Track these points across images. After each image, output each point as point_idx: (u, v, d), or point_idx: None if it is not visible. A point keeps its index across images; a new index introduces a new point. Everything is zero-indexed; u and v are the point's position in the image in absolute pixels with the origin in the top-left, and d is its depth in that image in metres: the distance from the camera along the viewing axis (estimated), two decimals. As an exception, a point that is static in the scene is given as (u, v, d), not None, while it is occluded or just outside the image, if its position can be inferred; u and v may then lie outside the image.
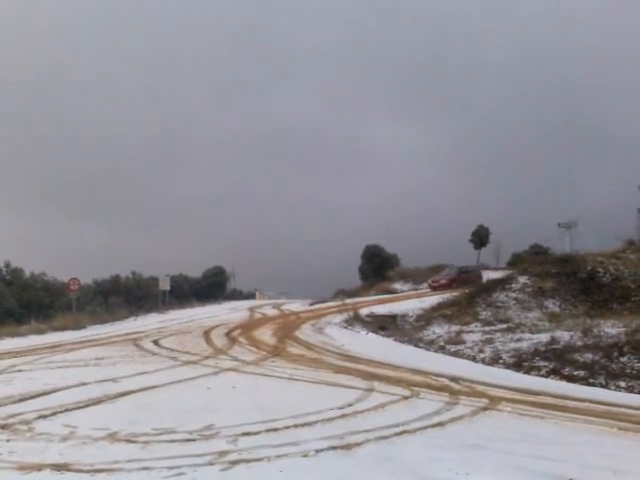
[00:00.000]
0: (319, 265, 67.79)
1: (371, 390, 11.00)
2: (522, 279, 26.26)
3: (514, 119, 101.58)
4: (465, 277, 37.75)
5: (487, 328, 20.52)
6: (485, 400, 10.34)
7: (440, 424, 8.48)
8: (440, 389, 11.23)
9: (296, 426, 8.35)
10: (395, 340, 20.36)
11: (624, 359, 14.67)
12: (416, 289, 40.22)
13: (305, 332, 22.09)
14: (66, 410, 9.82)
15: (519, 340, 17.91)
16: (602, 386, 13.27)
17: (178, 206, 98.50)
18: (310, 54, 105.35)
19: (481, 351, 17.26)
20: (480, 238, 54.50)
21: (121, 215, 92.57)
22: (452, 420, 8.72)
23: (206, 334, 21.88)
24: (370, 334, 21.85)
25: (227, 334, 21.76)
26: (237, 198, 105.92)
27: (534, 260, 31.43)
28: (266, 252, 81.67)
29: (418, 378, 12.46)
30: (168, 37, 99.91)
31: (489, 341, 18.27)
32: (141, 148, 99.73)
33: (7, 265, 33.73)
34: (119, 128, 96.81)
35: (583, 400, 11.00)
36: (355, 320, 24.98)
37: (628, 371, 13.97)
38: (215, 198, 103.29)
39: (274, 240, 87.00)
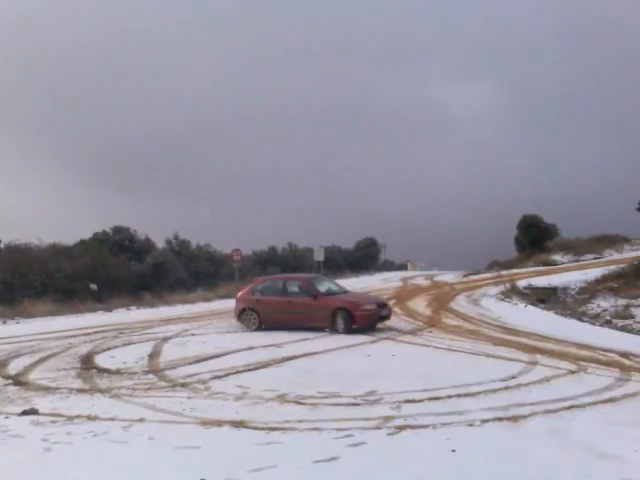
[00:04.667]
0: (471, 236, 66.38)
1: (534, 363, 10.71)
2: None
3: None
4: None
5: (659, 302, 19.10)
6: (661, 377, 9.71)
7: (612, 400, 8.09)
8: (609, 364, 10.67)
9: (459, 396, 8.37)
10: (556, 313, 19.53)
11: None
12: (577, 261, 38.23)
13: (460, 303, 21.85)
14: (237, 372, 10.55)
15: (697, 315, 16.56)
16: None
17: (328, 179, 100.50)
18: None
19: (653, 326, 16.15)
20: (650, 206, 50.64)
21: (276, 192, 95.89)
22: (625, 396, 8.27)
23: (361, 304, 22.24)
24: (529, 307, 21.14)
25: (382, 304, 22.00)
26: (383, 169, 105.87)
27: None
28: (417, 224, 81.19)
29: (584, 353, 11.93)
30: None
31: (662, 316, 17.03)
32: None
33: (176, 237, 36.17)
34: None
35: None
36: (512, 292, 24.29)
37: None
38: (361, 170, 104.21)
39: (425, 211, 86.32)
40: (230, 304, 22.74)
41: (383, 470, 5.65)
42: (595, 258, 38.58)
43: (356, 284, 33.44)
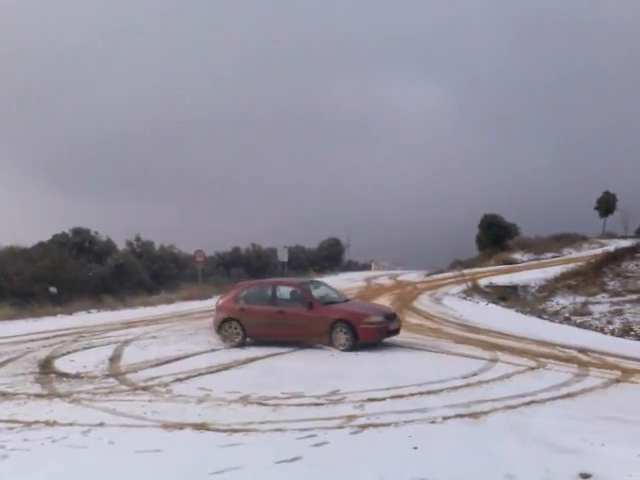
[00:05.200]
0: (434, 236, 66.96)
1: (495, 360, 10.86)
2: (655, 247, 24.79)
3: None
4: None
5: (616, 299, 19.52)
6: (617, 372, 9.94)
7: (570, 395, 8.27)
8: (568, 360, 10.90)
9: (421, 394, 8.44)
10: (516, 311, 19.87)
11: None
12: (537, 259, 38.94)
13: (423, 302, 22.02)
14: (199, 374, 10.44)
15: (652, 311, 16.98)
16: None
17: (291, 180, 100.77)
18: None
19: (610, 322, 16.52)
20: (606, 205, 51.82)
21: (239, 194, 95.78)
22: (583, 391, 8.48)
23: (325, 304, 22.24)
24: (490, 305, 21.44)
25: (346, 304, 22.03)
26: (346, 170, 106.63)
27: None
28: (380, 223, 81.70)
29: (543, 349, 12.15)
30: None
31: (618, 312, 17.44)
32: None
33: (138, 238, 35.62)
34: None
35: None
36: (474, 291, 24.61)
37: None
38: (324, 171, 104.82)
39: (388, 211, 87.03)
40: (193, 306, 22.58)
41: (346, 469, 5.65)
42: (554, 256, 39.39)
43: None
